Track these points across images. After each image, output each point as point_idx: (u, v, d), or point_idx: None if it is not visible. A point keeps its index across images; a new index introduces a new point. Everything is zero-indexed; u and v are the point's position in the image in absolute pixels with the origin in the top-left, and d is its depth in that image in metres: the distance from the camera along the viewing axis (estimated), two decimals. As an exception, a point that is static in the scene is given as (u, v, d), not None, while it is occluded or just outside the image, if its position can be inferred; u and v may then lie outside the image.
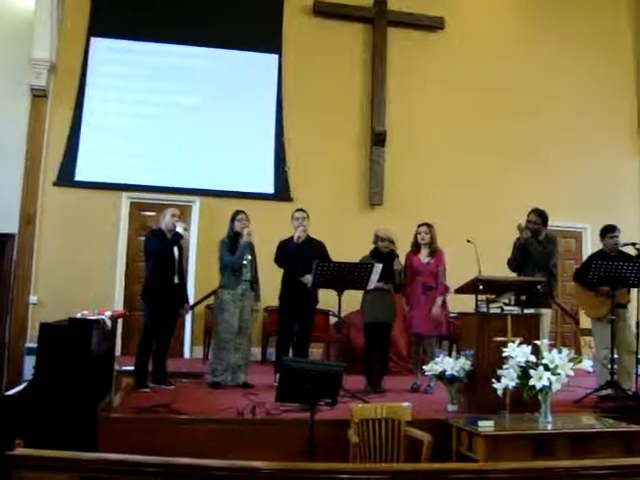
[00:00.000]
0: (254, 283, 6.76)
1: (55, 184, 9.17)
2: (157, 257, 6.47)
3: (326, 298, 6.88)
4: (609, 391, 6.16)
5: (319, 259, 6.28)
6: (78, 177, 9.26)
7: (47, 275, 8.88)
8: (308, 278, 6.32)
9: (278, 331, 7.02)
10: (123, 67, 9.62)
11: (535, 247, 6.55)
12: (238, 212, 6.80)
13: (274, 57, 10.10)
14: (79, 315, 5.02)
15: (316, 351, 8.44)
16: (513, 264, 6.73)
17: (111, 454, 3.07)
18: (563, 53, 10.96)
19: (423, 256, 6.84)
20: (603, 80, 11.12)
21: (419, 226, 6.92)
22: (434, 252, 6.84)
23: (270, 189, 9.82)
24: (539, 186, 10.18)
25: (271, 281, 6.92)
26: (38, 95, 9.16)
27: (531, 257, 6.57)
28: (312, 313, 6.89)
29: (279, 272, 6.85)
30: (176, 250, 6.57)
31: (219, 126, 9.78)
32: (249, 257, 6.68)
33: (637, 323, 6.47)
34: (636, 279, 6.28)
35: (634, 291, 6.71)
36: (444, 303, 6.75)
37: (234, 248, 6.60)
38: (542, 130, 10.73)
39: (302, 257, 6.50)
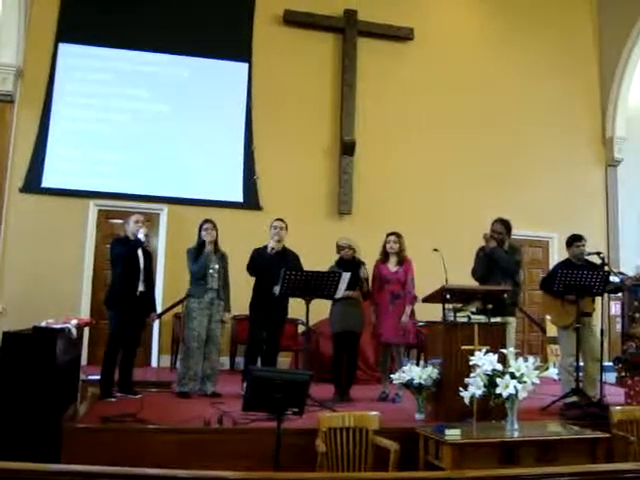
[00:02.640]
0: (224, 293, 6.74)
1: (21, 191, 9.05)
2: (122, 264, 6.42)
3: (294, 307, 6.86)
4: (574, 398, 6.23)
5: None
6: (45, 184, 9.15)
7: (12, 283, 8.74)
8: (277, 289, 6.32)
9: (248, 340, 6.98)
10: (91, 73, 9.54)
11: (502, 256, 6.62)
12: (205, 221, 6.80)
13: (244, 65, 10.09)
14: (44, 324, 4.95)
15: (284, 360, 8.42)
16: (478, 274, 6.79)
17: (74, 465, 3.01)
18: (530, 65, 11.12)
19: (391, 265, 6.86)
20: (568, 91, 11.31)
21: (388, 235, 6.93)
22: (402, 261, 6.86)
23: (239, 197, 9.79)
24: (506, 196, 10.30)
25: (239, 290, 6.91)
26: (4, 100, 9.04)
27: (498, 266, 6.64)
28: (282, 323, 6.91)
29: (247, 281, 6.83)
30: (142, 257, 6.52)
31: (188, 134, 9.74)
32: (216, 266, 6.66)
33: (602, 331, 6.57)
34: (600, 288, 6.38)
35: (599, 299, 6.81)
36: (412, 312, 6.78)
37: (199, 257, 6.60)
38: (509, 140, 10.88)
39: (276, 267, 6.49)
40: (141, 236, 6.46)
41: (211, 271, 6.63)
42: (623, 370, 7.35)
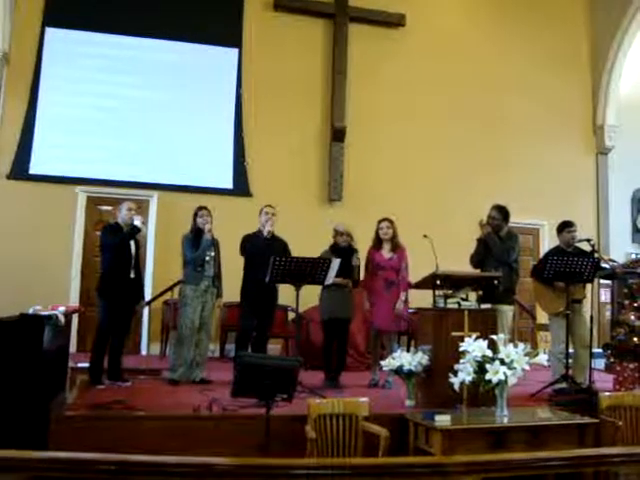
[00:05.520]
0: (216, 279, 6.72)
1: (9, 177, 8.99)
2: (113, 251, 6.37)
3: (284, 293, 6.84)
4: (564, 384, 6.25)
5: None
6: (33, 170, 9.08)
7: (-1, 270, 8.69)
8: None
9: (240, 326, 6.96)
10: (79, 59, 9.44)
11: (495, 242, 6.60)
12: (200, 208, 6.77)
13: (234, 51, 10.03)
14: (31, 310, 4.91)
15: (275, 347, 8.42)
16: (474, 260, 6.78)
17: (62, 452, 2.99)
18: (522, 51, 11.11)
19: (385, 251, 6.83)
20: (560, 79, 11.30)
21: (380, 221, 6.89)
22: (396, 247, 6.83)
23: (229, 184, 9.75)
24: (497, 183, 10.30)
25: (230, 277, 6.87)
26: (-10, 86, 8.97)
27: (491, 252, 6.62)
28: (272, 310, 6.86)
29: (237, 268, 6.79)
30: (133, 245, 6.47)
31: (178, 120, 9.68)
32: (212, 253, 6.64)
33: (591, 318, 6.58)
34: (590, 274, 6.38)
35: (589, 286, 6.82)
36: (406, 299, 6.76)
37: (197, 244, 6.56)
38: (500, 128, 10.88)
39: (267, 253, 6.46)
40: (137, 223, 6.41)
41: (207, 258, 6.61)
42: (612, 356, 7.38)
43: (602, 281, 8.87)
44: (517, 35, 11.13)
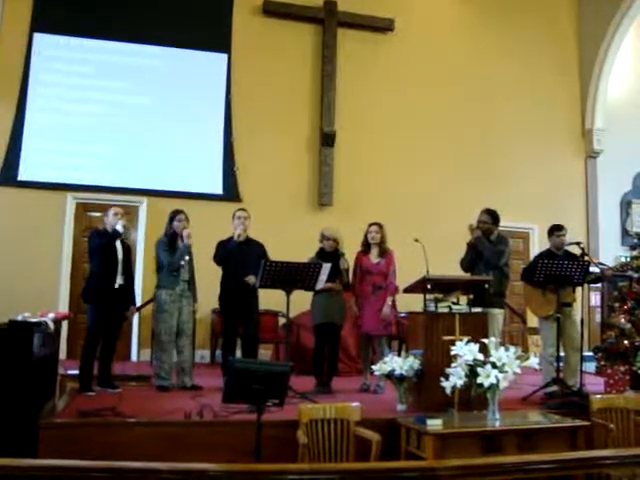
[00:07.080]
0: (191, 284, 6.68)
1: (-3, 184, 8.93)
2: (99, 255, 6.33)
3: (275, 299, 6.81)
4: (555, 388, 6.26)
5: (258, 259, 6.21)
6: (21, 177, 9.02)
7: (-12, 277, 8.62)
8: (252, 278, 6.26)
9: (223, 332, 6.95)
10: (68, 64, 9.40)
11: (485, 246, 6.61)
12: (177, 212, 6.70)
13: (223, 56, 10.00)
14: (20, 317, 4.88)
15: (265, 352, 8.40)
16: (465, 264, 6.79)
17: (52, 460, 2.97)
18: (511, 56, 11.14)
19: (373, 256, 6.83)
20: (549, 84, 11.35)
21: (370, 225, 6.89)
22: (384, 252, 6.83)
23: (219, 189, 9.72)
24: (487, 187, 10.32)
25: (215, 283, 6.83)
26: (-22, 92, 8.91)
27: (482, 256, 6.63)
28: (255, 312, 6.80)
29: (223, 272, 6.78)
30: (120, 250, 6.44)
31: (167, 125, 9.65)
32: (187, 257, 6.61)
33: (582, 321, 6.60)
34: (580, 278, 6.40)
35: (579, 290, 6.84)
36: (393, 303, 6.76)
37: (173, 248, 6.52)
38: (490, 132, 10.90)
39: (241, 257, 6.45)
40: (119, 227, 6.36)
41: (182, 263, 6.57)
42: (602, 359, 7.42)
43: (592, 285, 8.91)
44: (506, 41, 11.16)
